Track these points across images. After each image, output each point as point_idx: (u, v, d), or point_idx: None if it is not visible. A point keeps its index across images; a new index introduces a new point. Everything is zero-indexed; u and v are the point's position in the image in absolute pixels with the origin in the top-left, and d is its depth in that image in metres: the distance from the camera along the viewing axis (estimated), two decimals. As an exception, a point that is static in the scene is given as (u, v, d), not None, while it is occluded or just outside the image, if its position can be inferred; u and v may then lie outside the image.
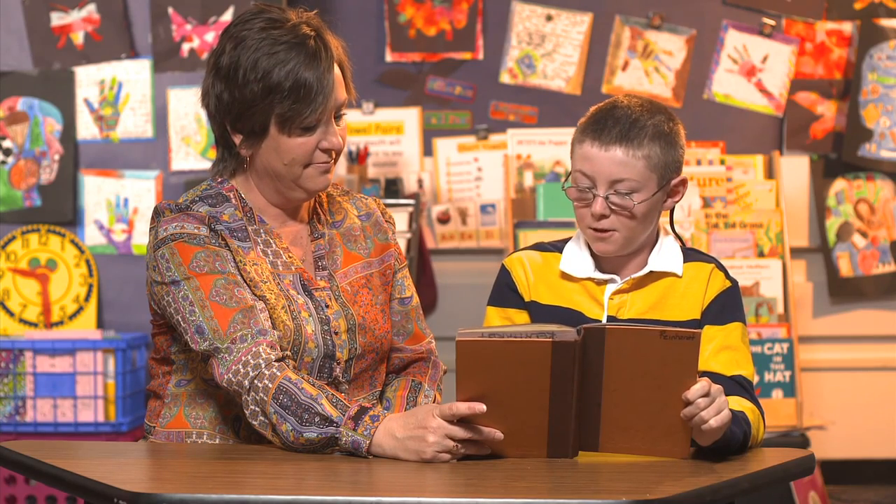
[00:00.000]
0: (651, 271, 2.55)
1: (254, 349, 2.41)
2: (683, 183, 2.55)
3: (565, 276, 2.58)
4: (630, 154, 2.47)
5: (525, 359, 2.25)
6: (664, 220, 2.62)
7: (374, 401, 2.62)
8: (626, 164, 2.47)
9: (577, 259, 2.58)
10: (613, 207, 2.49)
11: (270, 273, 2.52)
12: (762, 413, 2.48)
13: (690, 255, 2.60)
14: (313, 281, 2.56)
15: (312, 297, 2.54)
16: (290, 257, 2.56)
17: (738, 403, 2.43)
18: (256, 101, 2.47)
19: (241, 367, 2.40)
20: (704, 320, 2.53)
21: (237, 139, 2.52)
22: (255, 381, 2.39)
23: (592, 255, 2.58)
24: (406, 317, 2.70)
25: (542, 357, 2.25)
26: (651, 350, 2.27)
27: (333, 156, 2.53)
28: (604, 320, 2.53)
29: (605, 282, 2.56)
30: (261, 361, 2.40)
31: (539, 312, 2.56)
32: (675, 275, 2.55)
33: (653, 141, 2.48)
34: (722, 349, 2.52)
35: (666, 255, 2.56)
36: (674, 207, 2.62)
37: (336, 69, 2.50)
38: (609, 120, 2.49)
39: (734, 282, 2.58)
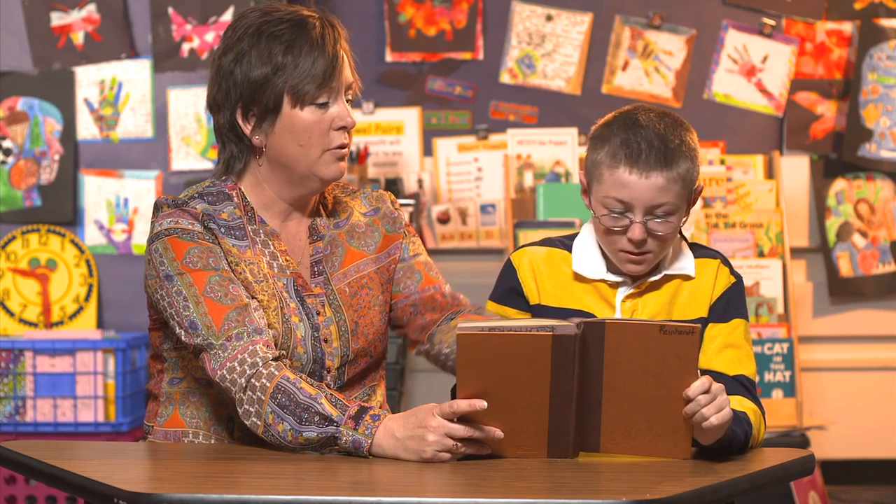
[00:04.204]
0: (665, 274, 2.54)
1: (250, 348, 2.40)
2: (700, 190, 2.54)
3: (577, 277, 2.56)
4: (670, 179, 2.44)
5: (525, 352, 2.25)
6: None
7: (365, 397, 2.61)
8: (667, 189, 2.44)
9: (588, 260, 2.56)
10: (657, 233, 2.46)
11: (267, 273, 2.52)
12: (763, 413, 2.48)
13: (696, 250, 2.58)
14: (307, 286, 2.56)
15: (304, 303, 2.54)
16: (286, 260, 2.56)
17: (740, 404, 2.42)
18: (268, 78, 2.48)
19: (236, 364, 2.40)
20: (710, 317, 2.53)
21: (248, 127, 2.52)
22: (252, 381, 2.39)
23: (604, 254, 2.56)
24: (409, 271, 2.67)
25: (542, 351, 2.26)
26: (651, 345, 2.27)
27: (347, 138, 2.53)
28: None
29: (618, 284, 2.55)
30: (258, 360, 2.40)
31: (547, 315, 2.52)
32: (688, 276, 2.55)
33: (685, 160, 2.45)
34: (725, 347, 2.51)
35: (679, 258, 2.55)
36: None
37: (342, 52, 2.52)
38: (642, 143, 2.43)
39: (739, 277, 2.57)
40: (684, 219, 2.52)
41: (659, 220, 2.45)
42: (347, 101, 2.54)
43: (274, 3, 2.56)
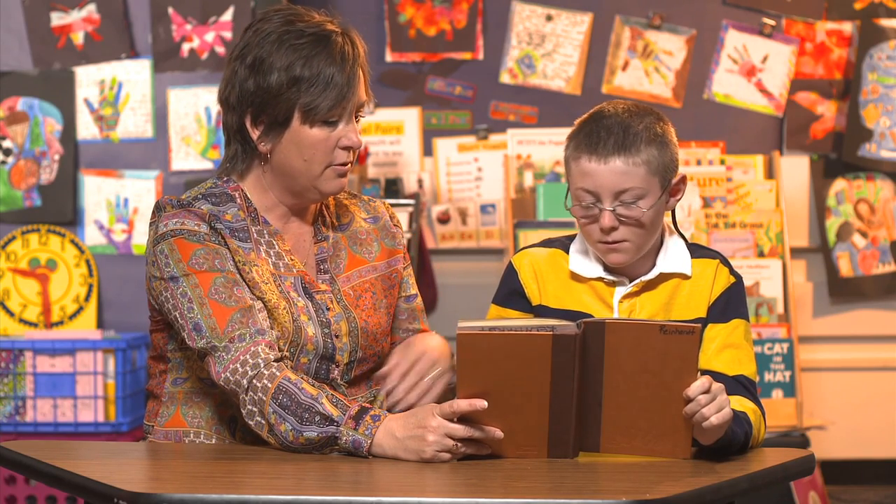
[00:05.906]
0: (660, 273, 2.54)
1: (252, 349, 2.41)
2: (683, 180, 2.54)
3: (574, 277, 2.57)
4: (630, 162, 2.44)
5: (525, 352, 2.25)
6: (667, 219, 2.61)
7: (370, 398, 2.62)
8: (628, 173, 2.45)
9: (584, 259, 2.56)
10: (622, 219, 2.46)
11: (272, 274, 2.52)
12: (763, 413, 2.48)
13: (695, 251, 2.58)
14: (315, 284, 2.56)
15: (313, 299, 2.54)
16: (291, 259, 2.56)
17: (740, 404, 2.42)
18: (282, 91, 2.47)
19: (239, 366, 2.40)
20: (709, 318, 2.53)
21: (256, 133, 2.52)
22: (254, 381, 2.39)
23: (599, 257, 2.56)
24: (412, 314, 2.71)
25: (542, 350, 2.25)
26: (651, 345, 2.27)
27: (351, 157, 2.54)
28: None
29: (615, 283, 2.55)
30: (259, 361, 2.40)
31: (550, 316, 2.52)
32: (684, 275, 2.55)
33: (649, 145, 2.46)
34: (724, 347, 2.51)
35: (674, 256, 2.55)
36: (675, 206, 2.61)
37: (359, 71, 2.51)
38: (601, 131, 2.46)
39: (739, 277, 2.57)
40: (664, 207, 2.51)
41: (627, 207, 2.46)
42: (358, 118, 2.54)
43: (295, 8, 2.54)
